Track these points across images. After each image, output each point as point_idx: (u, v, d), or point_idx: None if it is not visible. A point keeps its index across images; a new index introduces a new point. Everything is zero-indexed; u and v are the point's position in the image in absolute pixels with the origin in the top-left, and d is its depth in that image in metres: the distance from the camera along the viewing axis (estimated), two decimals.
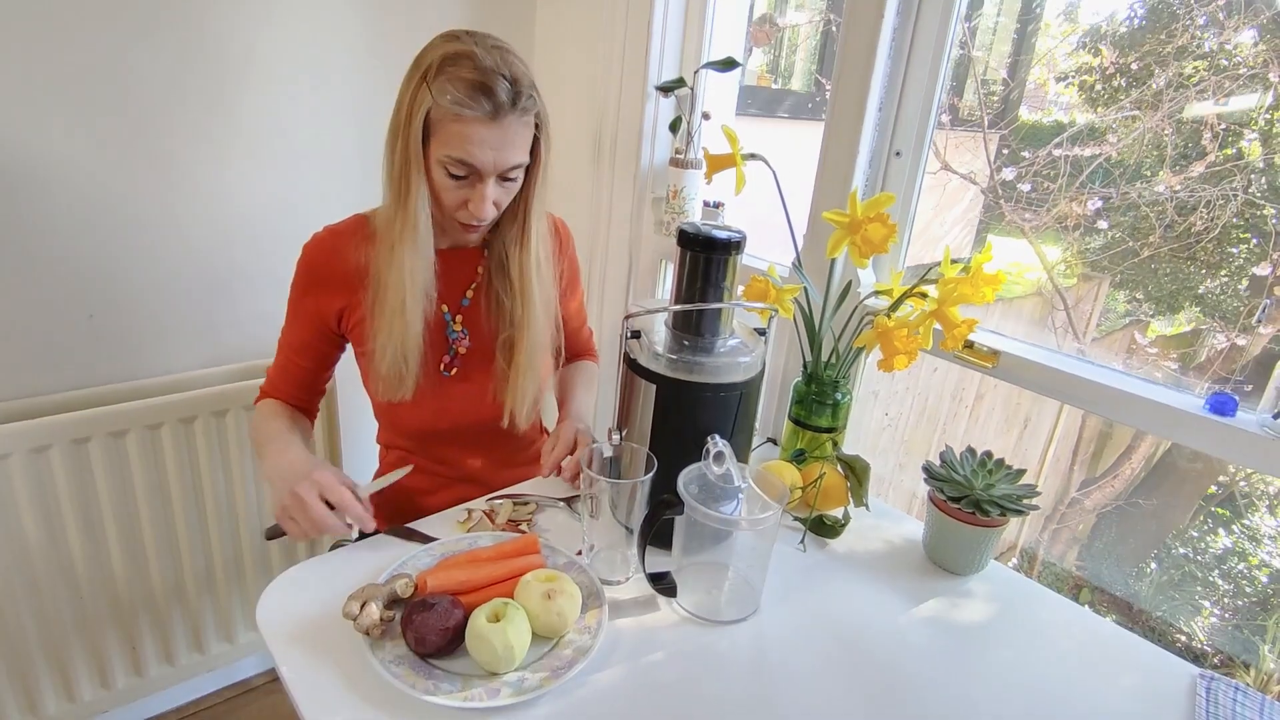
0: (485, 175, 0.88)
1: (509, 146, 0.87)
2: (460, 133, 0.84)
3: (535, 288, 1.00)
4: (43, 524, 1.24)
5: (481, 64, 0.83)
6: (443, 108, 0.83)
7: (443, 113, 0.84)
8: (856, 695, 0.74)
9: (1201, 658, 1.71)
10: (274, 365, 1.06)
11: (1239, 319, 1.53)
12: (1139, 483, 2.08)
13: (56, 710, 1.35)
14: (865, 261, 1.04)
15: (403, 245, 0.91)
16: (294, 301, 1.02)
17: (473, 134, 0.84)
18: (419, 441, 1.09)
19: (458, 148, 0.85)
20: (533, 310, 1.00)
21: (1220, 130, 1.40)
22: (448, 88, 0.83)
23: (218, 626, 1.51)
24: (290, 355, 1.04)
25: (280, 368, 1.06)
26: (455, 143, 0.85)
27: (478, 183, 0.88)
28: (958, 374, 2.24)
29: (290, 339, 1.04)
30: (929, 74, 1.11)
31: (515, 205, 0.96)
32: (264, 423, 1.01)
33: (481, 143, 0.85)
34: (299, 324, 1.02)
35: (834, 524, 0.99)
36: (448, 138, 0.85)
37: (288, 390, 1.06)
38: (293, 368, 1.05)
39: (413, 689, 0.68)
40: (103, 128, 1.22)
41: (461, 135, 0.84)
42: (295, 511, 0.82)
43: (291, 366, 1.05)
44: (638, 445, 0.89)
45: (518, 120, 0.86)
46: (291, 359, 1.04)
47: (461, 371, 1.04)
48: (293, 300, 1.02)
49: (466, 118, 0.83)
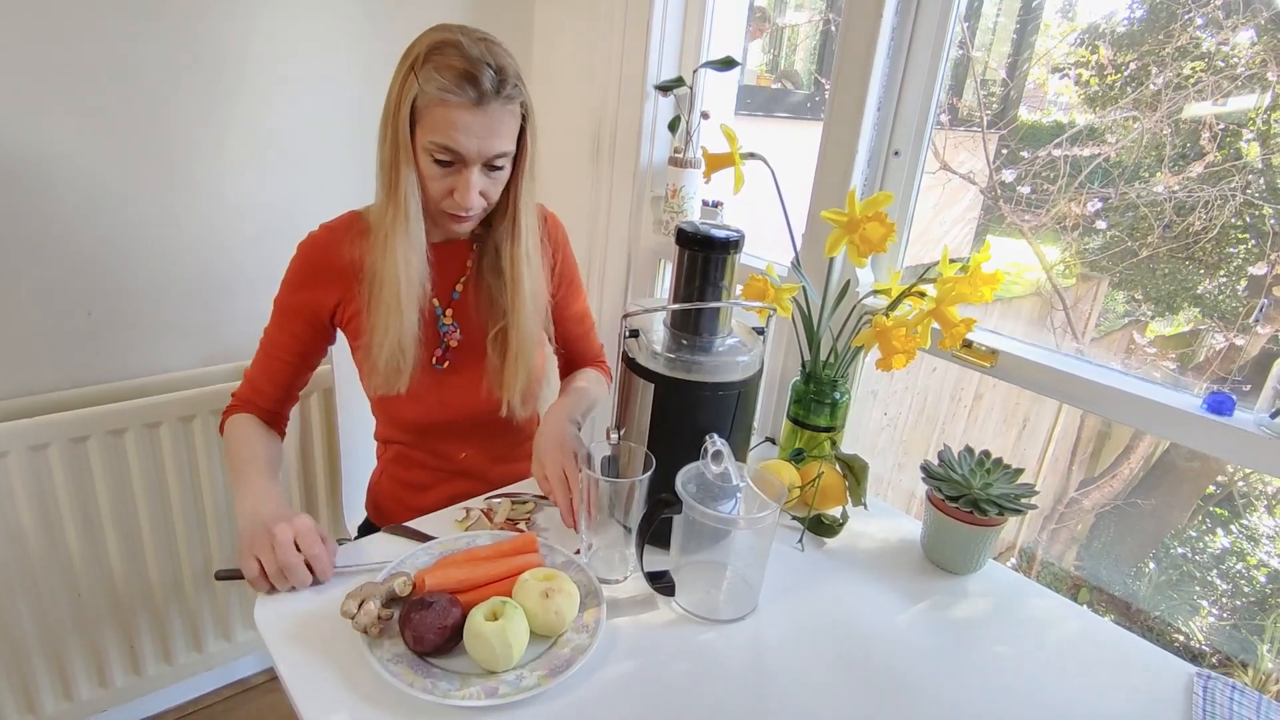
0: (470, 162, 0.88)
1: (493, 134, 0.88)
2: (445, 118, 0.85)
3: (526, 280, 1.00)
4: (41, 522, 1.24)
5: (467, 53, 0.84)
6: (428, 94, 0.84)
7: (429, 99, 0.85)
8: (854, 694, 0.74)
9: (1200, 657, 1.72)
10: (254, 366, 1.05)
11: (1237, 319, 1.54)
12: (1137, 482, 2.08)
13: (54, 709, 1.35)
14: (864, 261, 1.04)
15: (395, 235, 0.91)
16: (284, 298, 1.01)
17: (457, 120, 0.85)
18: (415, 435, 1.09)
19: (442, 133, 0.86)
20: (523, 302, 1.01)
21: (1219, 131, 1.40)
22: (434, 75, 0.84)
23: (216, 625, 1.51)
24: (275, 353, 1.03)
25: (261, 367, 1.05)
26: (440, 128, 0.86)
27: (463, 169, 0.89)
28: (956, 373, 2.25)
29: (277, 336, 1.03)
30: (928, 73, 1.11)
31: (504, 199, 0.97)
32: (241, 443, 0.98)
33: (466, 129, 0.86)
34: (289, 320, 1.02)
35: (832, 523, 0.99)
36: (433, 124, 0.86)
37: (267, 391, 1.05)
38: (277, 365, 1.04)
39: (411, 687, 0.68)
40: (103, 126, 1.22)
41: (446, 121, 0.85)
42: (263, 550, 0.78)
43: (275, 364, 1.04)
44: (636, 444, 0.89)
45: (502, 108, 0.87)
46: (277, 356, 1.03)
47: (453, 365, 1.05)
48: (283, 297, 1.01)
49: (451, 103, 0.84)
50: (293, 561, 0.78)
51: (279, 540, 0.78)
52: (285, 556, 0.78)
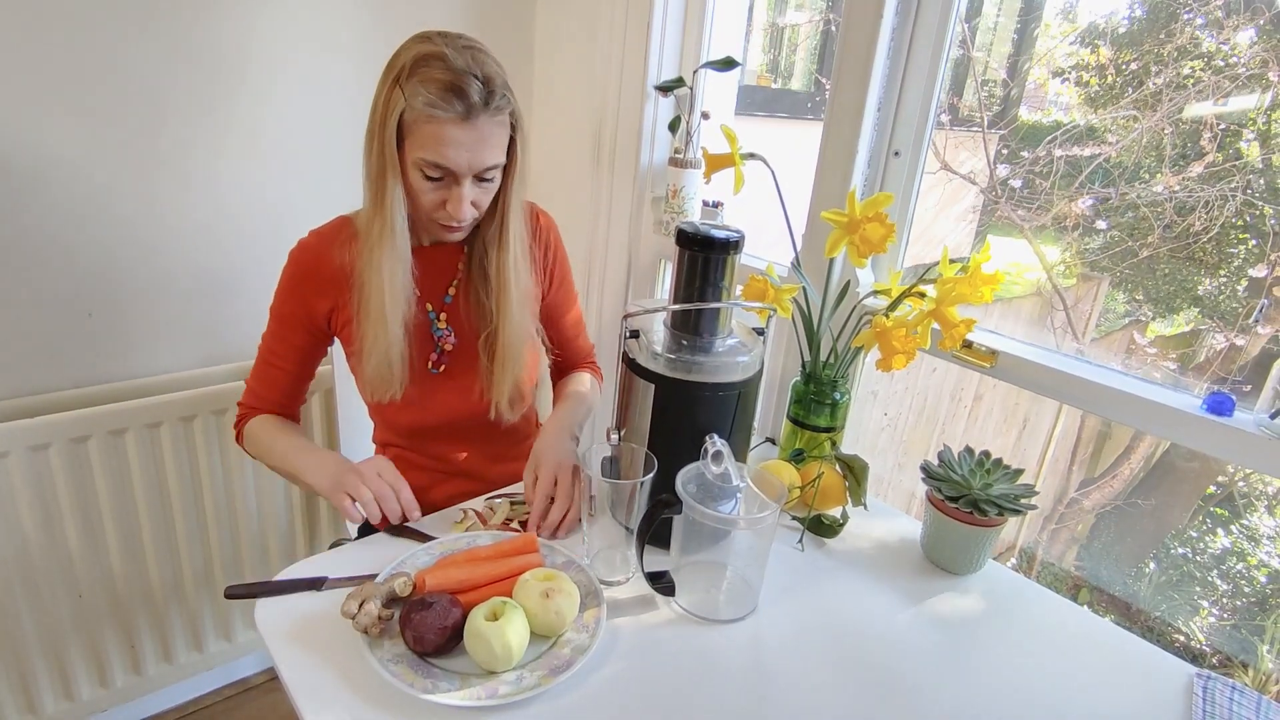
0: (461, 177, 0.87)
1: (483, 147, 0.87)
2: (434, 134, 0.84)
3: (513, 285, 1.00)
4: (42, 522, 1.24)
5: (453, 65, 0.83)
6: (415, 109, 0.83)
7: (416, 115, 0.84)
8: (854, 694, 0.74)
9: (1200, 658, 1.72)
10: (254, 376, 1.05)
11: (1237, 319, 1.54)
12: (1138, 483, 2.08)
13: (55, 709, 1.35)
14: (864, 261, 1.04)
15: (380, 249, 0.91)
16: (279, 307, 1.02)
17: (446, 135, 0.84)
18: (412, 439, 1.09)
19: (432, 150, 0.85)
20: (510, 306, 1.00)
21: (1219, 131, 1.40)
22: (420, 89, 0.82)
23: (216, 625, 1.51)
24: (274, 361, 1.03)
25: (261, 377, 1.05)
26: (429, 145, 0.85)
27: (454, 184, 0.88)
28: (956, 374, 2.25)
29: (274, 345, 1.03)
30: (928, 74, 1.11)
31: (493, 205, 0.96)
32: (276, 435, 1.01)
33: (455, 144, 0.84)
34: (286, 327, 1.02)
35: (832, 523, 0.99)
36: (422, 140, 0.85)
37: (272, 399, 1.05)
38: (276, 374, 1.04)
39: (411, 688, 0.68)
40: (103, 128, 1.22)
41: (435, 137, 0.84)
42: (353, 486, 0.87)
43: (275, 373, 1.04)
44: (637, 445, 0.89)
45: (491, 120, 0.86)
46: (276, 365, 1.04)
47: (449, 368, 1.05)
48: (277, 305, 1.02)
49: (439, 119, 0.83)
50: (383, 490, 0.87)
51: (366, 475, 0.88)
52: (377, 486, 0.88)
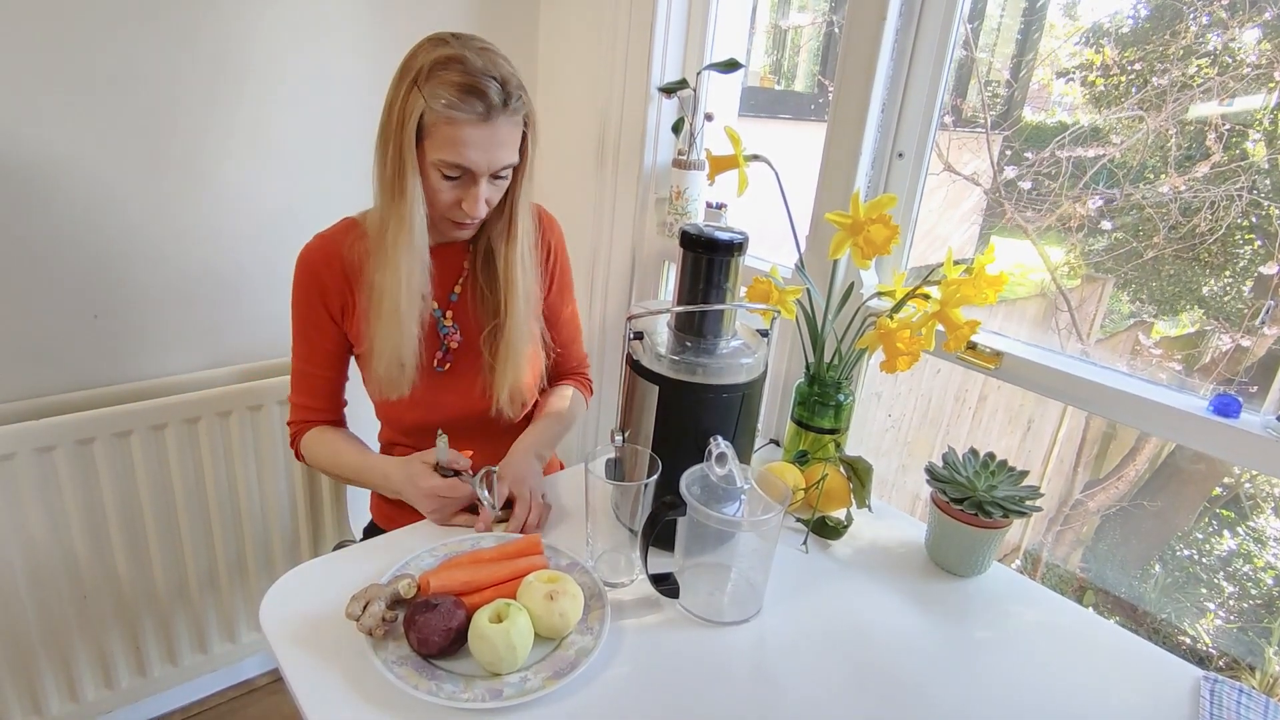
0: (479, 175, 0.89)
1: (500, 146, 0.89)
2: (454, 135, 0.86)
3: (520, 281, 1.01)
4: (47, 524, 1.24)
5: (472, 66, 0.85)
6: (435, 111, 0.85)
7: (436, 116, 0.85)
8: (858, 696, 0.74)
9: (1206, 660, 1.71)
10: (295, 390, 1.06)
11: (1243, 320, 1.53)
12: (1143, 484, 2.07)
13: (60, 710, 1.36)
14: (868, 263, 1.04)
15: (398, 248, 0.92)
16: (299, 314, 1.02)
17: (466, 136, 0.86)
18: (417, 438, 1.09)
19: (452, 151, 0.86)
20: (516, 303, 1.01)
21: (1225, 131, 1.39)
22: (440, 91, 0.84)
23: (221, 626, 1.51)
24: (310, 369, 1.04)
25: (301, 388, 1.06)
26: (449, 146, 0.86)
27: (471, 184, 0.90)
28: (961, 375, 2.24)
29: (304, 352, 1.04)
30: (931, 75, 1.11)
31: (502, 202, 0.98)
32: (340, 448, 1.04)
33: (475, 144, 0.86)
34: (311, 330, 1.02)
35: (836, 525, 0.99)
36: (442, 141, 0.86)
37: (320, 406, 1.06)
38: (316, 381, 1.05)
39: (415, 689, 0.68)
40: (107, 130, 1.22)
41: (455, 138, 0.86)
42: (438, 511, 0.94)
43: (314, 380, 1.05)
44: (641, 447, 0.89)
45: (508, 121, 0.88)
46: (312, 373, 1.04)
47: (454, 366, 1.05)
48: (297, 314, 1.02)
49: (459, 120, 0.85)
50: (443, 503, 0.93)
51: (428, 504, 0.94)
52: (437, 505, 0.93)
